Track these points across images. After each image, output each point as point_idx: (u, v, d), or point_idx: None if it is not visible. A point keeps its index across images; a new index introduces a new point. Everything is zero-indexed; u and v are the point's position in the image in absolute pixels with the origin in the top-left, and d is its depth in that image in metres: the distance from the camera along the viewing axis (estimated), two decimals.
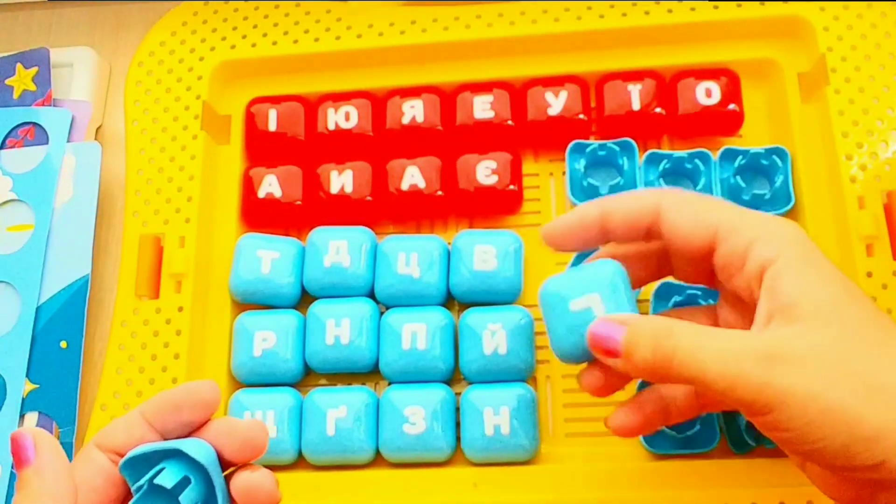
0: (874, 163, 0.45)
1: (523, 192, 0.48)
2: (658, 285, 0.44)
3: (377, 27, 0.51)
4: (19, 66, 0.55)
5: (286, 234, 0.49)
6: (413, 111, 0.49)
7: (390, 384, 0.46)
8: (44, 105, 0.54)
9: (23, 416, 0.48)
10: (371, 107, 0.50)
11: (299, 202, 0.49)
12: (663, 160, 0.47)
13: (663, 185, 0.47)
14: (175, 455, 0.32)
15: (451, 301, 0.47)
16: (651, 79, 0.48)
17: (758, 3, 0.49)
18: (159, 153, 0.50)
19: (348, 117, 0.50)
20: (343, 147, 0.50)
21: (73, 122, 0.53)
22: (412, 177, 0.48)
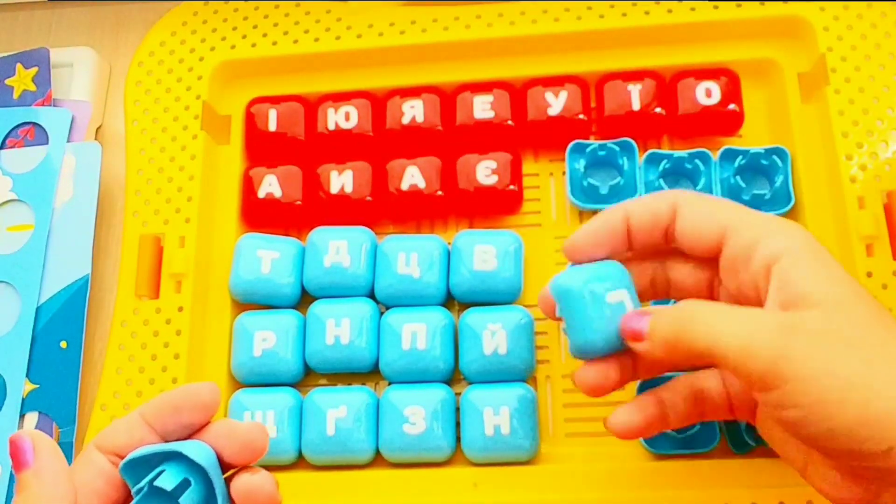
0: (874, 163, 0.45)
1: (523, 192, 0.48)
2: None
3: (377, 27, 0.51)
4: (19, 66, 0.55)
5: (286, 234, 0.49)
6: (413, 111, 0.49)
7: (390, 384, 0.46)
8: (44, 105, 0.54)
9: (23, 417, 0.48)
10: (371, 107, 0.50)
11: (299, 202, 0.49)
12: (663, 160, 0.47)
13: (663, 186, 0.47)
14: (175, 457, 0.32)
15: (451, 301, 0.47)
16: (651, 79, 0.48)
17: (758, 3, 0.49)
18: (159, 153, 0.50)
19: (348, 117, 0.50)
20: (343, 147, 0.50)
21: (73, 122, 0.53)
22: (412, 177, 0.48)
